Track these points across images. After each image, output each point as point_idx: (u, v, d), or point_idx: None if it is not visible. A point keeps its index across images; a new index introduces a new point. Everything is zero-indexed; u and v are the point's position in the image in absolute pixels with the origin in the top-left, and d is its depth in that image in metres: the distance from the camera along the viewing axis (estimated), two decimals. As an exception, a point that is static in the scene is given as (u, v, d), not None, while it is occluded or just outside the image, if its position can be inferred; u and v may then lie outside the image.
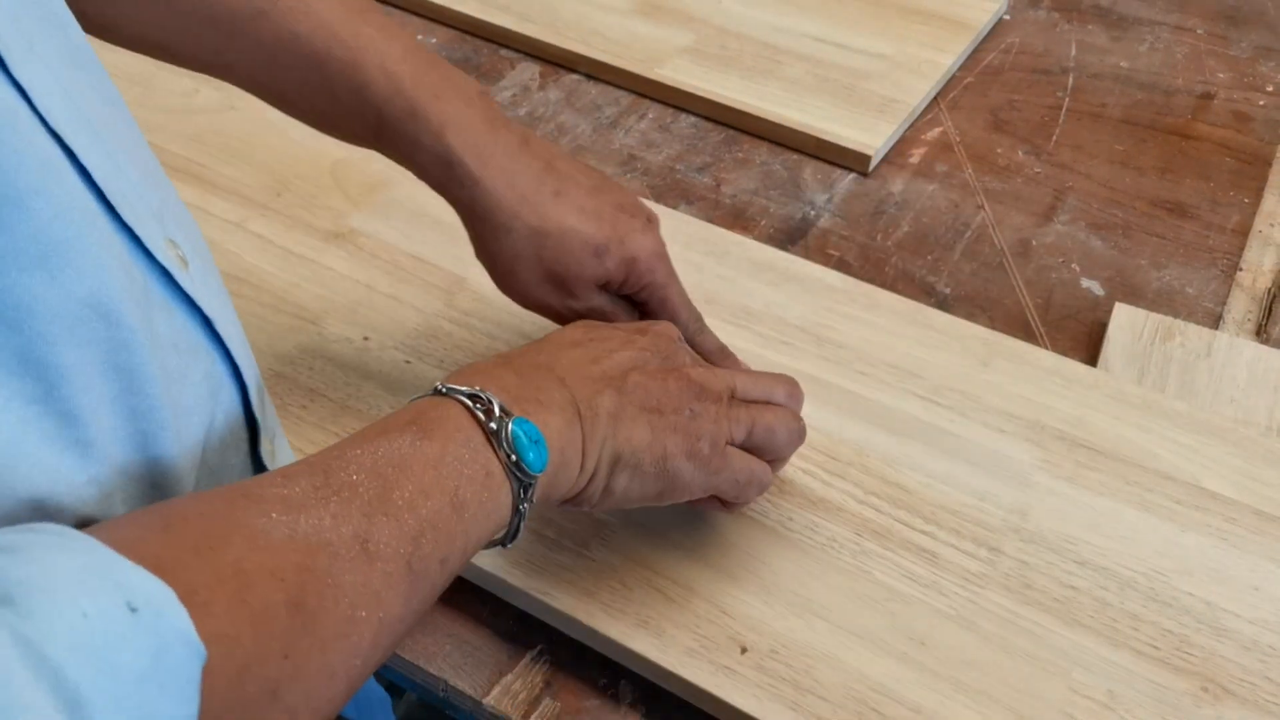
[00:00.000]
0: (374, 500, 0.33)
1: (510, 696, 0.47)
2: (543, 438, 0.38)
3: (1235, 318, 0.65)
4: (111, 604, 0.25)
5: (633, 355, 0.44)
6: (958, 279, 0.68)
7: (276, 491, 0.32)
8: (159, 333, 0.35)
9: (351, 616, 0.31)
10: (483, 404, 0.37)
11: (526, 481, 0.37)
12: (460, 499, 0.35)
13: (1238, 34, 0.90)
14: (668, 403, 0.43)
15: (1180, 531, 0.51)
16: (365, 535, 0.32)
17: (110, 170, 0.33)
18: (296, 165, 0.71)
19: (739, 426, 0.45)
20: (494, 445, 0.37)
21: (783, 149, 0.77)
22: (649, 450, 0.42)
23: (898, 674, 0.46)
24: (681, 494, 0.44)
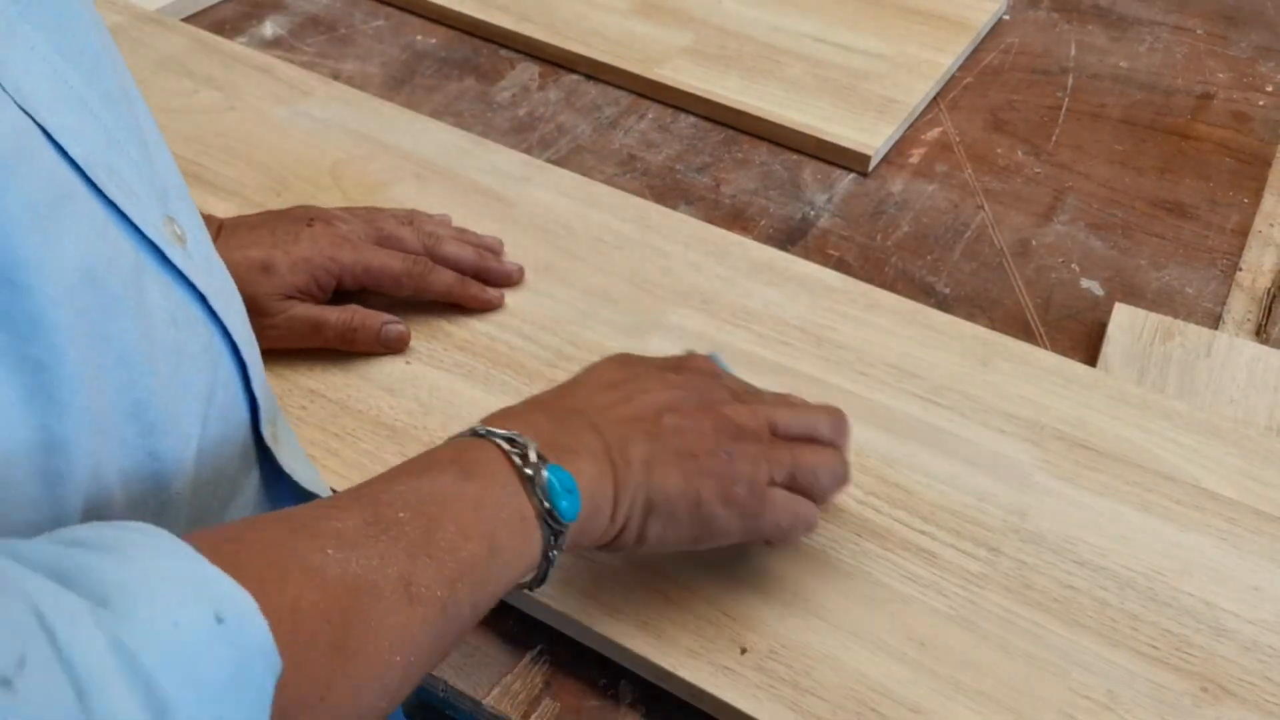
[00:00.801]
0: (418, 540, 0.34)
1: (510, 697, 0.47)
2: (576, 487, 0.39)
3: (1235, 318, 0.65)
4: (201, 614, 0.27)
5: (667, 396, 0.44)
6: (957, 279, 0.68)
7: (332, 525, 0.33)
8: (154, 306, 0.35)
9: (388, 659, 0.32)
10: (519, 449, 0.38)
11: (558, 529, 0.38)
12: (496, 543, 0.36)
13: (1237, 34, 0.90)
14: (702, 445, 0.43)
15: (1180, 531, 0.51)
16: (409, 578, 0.33)
17: (99, 146, 0.34)
18: (296, 165, 0.70)
19: (780, 469, 0.44)
20: (528, 491, 0.37)
21: (782, 149, 0.77)
22: (683, 497, 0.42)
23: (897, 674, 0.46)
24: (719, 539, 0.44)
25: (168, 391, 0.36)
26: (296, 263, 0.55)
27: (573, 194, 0.69)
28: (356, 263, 0.57)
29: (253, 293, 0.54)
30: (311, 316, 0.56)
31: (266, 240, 0.55)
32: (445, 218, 0.64)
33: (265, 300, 0.55)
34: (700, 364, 0.48)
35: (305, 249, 0.56)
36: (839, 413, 0.48)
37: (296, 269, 0.55)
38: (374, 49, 0.87)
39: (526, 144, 0.77)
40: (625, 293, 0.62)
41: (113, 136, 0.35)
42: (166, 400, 0.36)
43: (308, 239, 0.56)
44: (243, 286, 0.52)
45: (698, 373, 0.47)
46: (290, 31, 0.88)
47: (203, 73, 0.78)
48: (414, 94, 0.82)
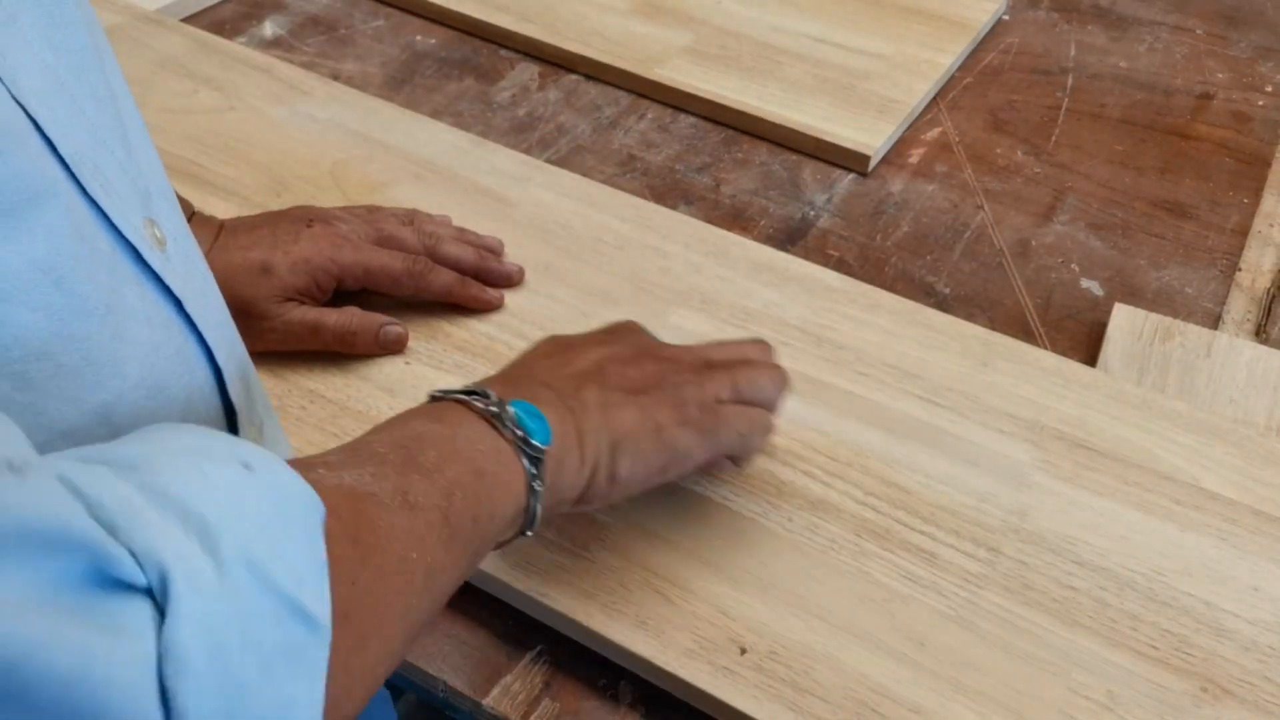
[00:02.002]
0: (404, 463, 0.35)
1: (510, 697, 0.47)
2: (542, 414, 0.40)
3: (1235, 318, 0.65)
4: (228, 464, 0.27)
5: (603, 351, 0.46)
6: (957, 279, 0.68)
7: (317, 458, 0.34)
8: (129, 307, 0.35)
9: (404, 555, 0.33)
10: (479, 396, 0.39)
11: (535, 455, 0.39)
12: (479, 467, 0.37)
13: (1237, 34, 0.90)
14: (647, 381, 0.45)
15: (1180, 532, 0.51)
16: (404, 489, 0.34)
17: (85, 144, 0.33)
18: (296, 165, 0.70)
19: (723, 386, 0.47)
20: (498, 428, 0.39)
21: (782, 149, 0.77)
22: (642, 426, 0.44)
23: (897, 674, 0.46)
24: (686, 462, 0.45)
25: (138, 394, 0.35)
26: (296, 264, 0.55)
27: (572, 194, 0.69)
28: (356, 263, 0.57)
29: (252, 295, 0.54)
30: (309, 320, 0.56)
31: (266, 241, 0.56)
32: (445, 218, 0.64)
33: (263, 303, 0.55)
34: (626, 325, 0.50)
35: (305, 250, 0.56)
36: (763, 341, 0.51)
37: (296, 270, 0.55)
38: (374, 49, 0.87)
39: (526, 144, 0.77)
40: (625, 293, 0.62)
41: (98, 135, 0.35)
42: (137, 404, 0.35)
43: (308, 239, 0.56)
44: (242, 289, 0.53)
45: (625, 330, 0.49)
46: (290, 31, 0.88)
47: (202, 73, 0.78)
48: (414, 94, 0.82)
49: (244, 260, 0.54)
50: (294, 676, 0.26)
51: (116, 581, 0.23)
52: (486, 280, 0.61)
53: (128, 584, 0.23)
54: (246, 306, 0.54)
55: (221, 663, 0.24)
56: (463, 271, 0.61)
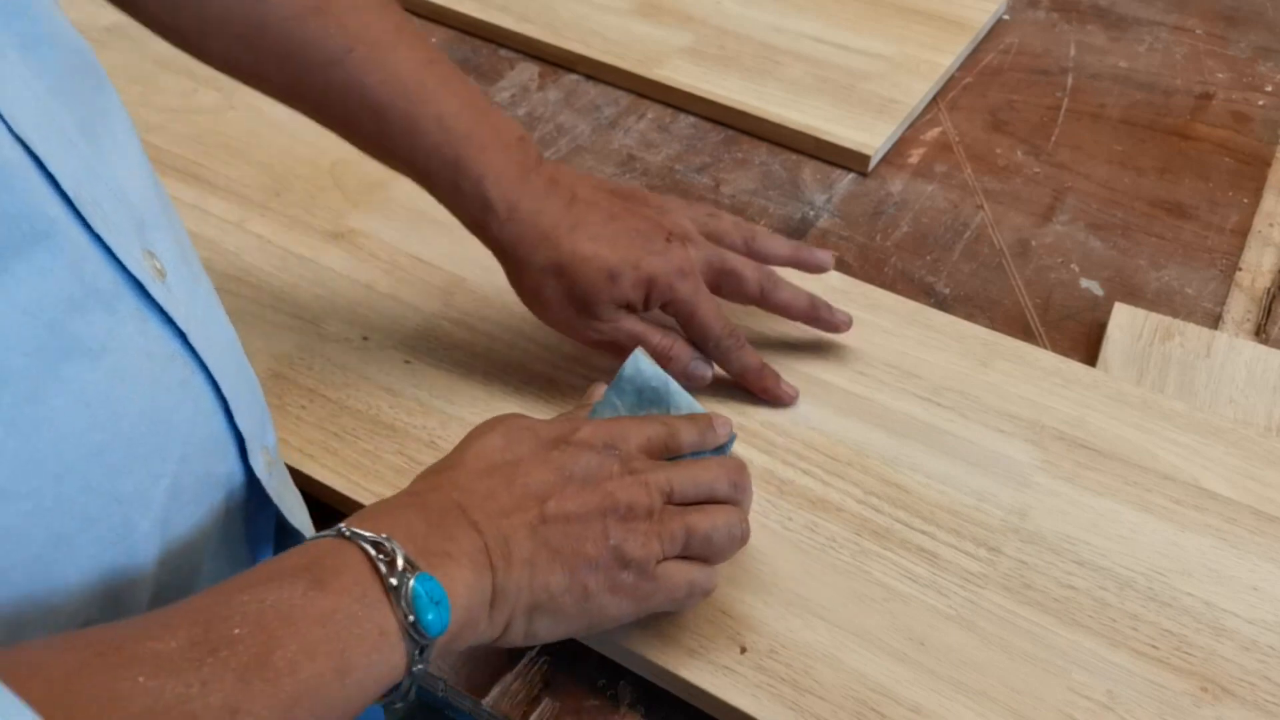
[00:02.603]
0: (251, 663, 0.31)
1: (509, 696, 0.47)
2: (445, 597, 0.36)
3: (1234, 318, 0.65)
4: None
5: (549, 478, 0.42)
6: (957, 279, 0.68)
7: (149, 647, 0.30)
8: (127, 342, 0.34)
9: None
10: (386, 554, 0.35)
11: (423, 643, 0.35)
12: (346, 662, 0.33)
13: (1237, 34, 0.90)
14: (587, 534, 0.41)
15: (1180, 531, 0.51)
16: (235, 706, 0.30)
17: (83, 177, 0.33)
18: (296, 165, 0.70)
19: (672, 542, 0.43)
20: (392, 603, 0.34)
21: (782, 149, 0.77)
22: (568, 593, 0.40)
23: (897, 674, 0.46)
24: (610, 624, 0.42)
25: (137, 431, 0.35)
26: (640, 281, 0.53)
27: (572, 194, 0.69)
28: (687, 303, 0.54)
29: (595, 296, 0.52)
30: (637, 333, 0.54)
31: (622, 242, 0.53)
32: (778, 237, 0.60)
33: (601, 306, 0.53)
34: (589, 433, 0.44)
35: (655, 268, 0.53)
36: (740, 467, 0.46)
37: (639, 286, 0.53)
38: (373, 49, 0.86)
39: (526, 144, 0.77)
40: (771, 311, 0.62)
41: (92, 168, 0.34)
42: (135, 440, 0.35)
43: (659, 258, 0.53)
44: (585, 285, 0.52)
45: (584, 446, 0.43)
46: (290, 31, 0.88)
47: (203, 72, 0.77)
48: (413, 94, 0.82)
49: (595, 255, 0.52)
50: None
51: None
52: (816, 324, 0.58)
53: None
54: (587, 303, 0.53)
55: None
56: (792, 317, 0.58)
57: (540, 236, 0.52)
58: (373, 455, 0.54)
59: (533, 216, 0.52)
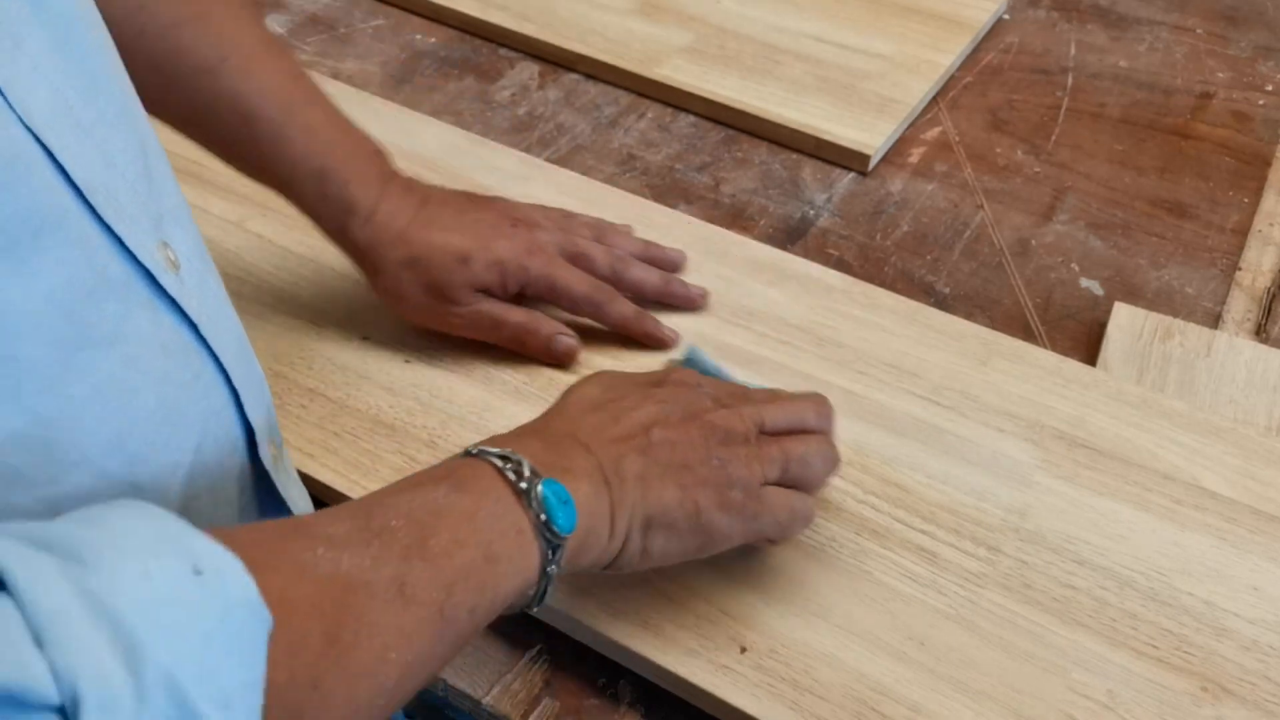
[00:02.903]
0: (412, 545, 0.34)
1: (510, 696, 0.47)
2: (571, 499, 0.39)
3: (1234, 317, 0.65)
4: (176, 565, 0.26)
5: (652, 410, 0.44)
6: (957, 279, 0.68)
7: (324, 529, 0.33)
8: (141, 333, 0.35)
9: (382, 656, 0.32)
10: (513, 465, 0.38)
11: (555, 542, 0.38)
12: (493, 552, 0.36)
13: (1237, 34, 0.90)
14: (694, 456, 0.43)
15: (1179, 531, 0.51)
16: (403, 579, 0.33)
17: (97, 168, 0.33)
18: (296, 165, 0.70)
19: (772, 465, 0.45)
20: (524, 505, 0.37)
21: (782, 149, 0.77)
22: (680, 508, 0.42)
23: (897, 673, 0.46)
24: (722, 544, 0.44)
25: (152, 421, 0.35)
26: (492, 263, 0.56)
27: (572, 193, 0.69)
28: (544, 276, 0.57)
29: (448, 280, 0.55)
30: (495, 314, 0.57)
31: (470, 230, 0.56)
32: (629, 228, 0.64)
33: (457, 290, 0.56)
34: (681, 375, 0.48)
35: (503, 250, 0.56)
36: (823, 400, 0.49)
37: (491, 268, 0.56)
38: (373, 48, 0.87)
39: (526, 143, 0.77)
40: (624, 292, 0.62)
41: (110, 158, 0.35)
42: (151, 430, 0.35)
43: (507, 240, 0.56)
44: (439, 271, 0.55)
45: (679, 384, 0.47)
46: (290, 31, 0.88)
47: (202, 72, 0.78)
48: (414, 93, 0.82)
49: (445, 244, 0.55)
50: None
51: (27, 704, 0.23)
52: (668, 305, 0.61)
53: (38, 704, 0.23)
54: (441, 289, 0.55)
55: None
56: (645, 296, 0.60)
57: (395, 235, 0.55)
58: (373, 455, 0.54)
59: (389, 218, 0.55)
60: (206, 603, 0.26)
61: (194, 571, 0.26)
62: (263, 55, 0.54)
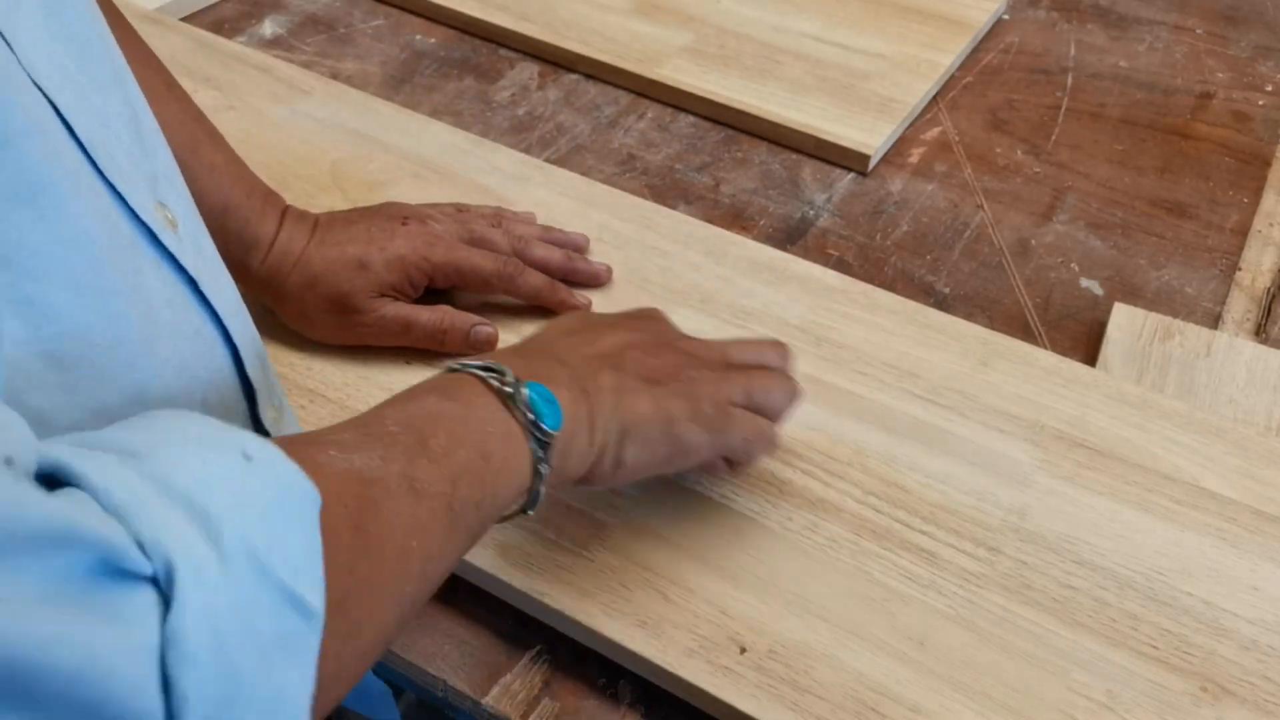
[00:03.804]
0: (414, 446, 0.35)
1: (509, 696, 0.47)
2: (555, 399, 0.40)
3: (1234, 317, 0.65)
4: (229, 454, 0.28)
5: (625, 335, 0.47)
6: (957, 279, 0.68)
7: (330, 437, 0.34)
8: (149, 287, 0.36)
9: (404, 545, 0.33)
10: (496, 373, 0.39)
11: (544, 439, 0.39)
12: (488, 450, 0.37)
13: (1237, 34, 0.90)
14: (665, 372, 0.45)
15: (1179, 531, 0.51)
16: (411, 475, 0.34)
17: (96, 128, 0.34)
18: (295, 165, 0.70)
19: (737, 389, 0.47)
20: (510, 408, 0.39)
21: (782, 149, 0.77)
22: (654, 418, 0.44)
23: (897, 674, 0.46)
24: (691, 456, 0.46)
25: (166, 374, 0.36)
26: (391, 261, 0.56)
27: (572, 193, 0.69)
28: (448, 263, 0.57)
29: (349, 289, 0.55)
30: (402, 316, 0.57)
31: (362, 238, 0.57)
32: (530, 216, 0.65)
33: (359, 298, 0.56)
34: (650, 312, 0.50)
35: (400, 247, 0.56)
36: (782, 343, 0.52)
37: (391, 267, 0.56)
38: (373, 48, 0.86)
39: (526, 143, 0.77)
40: (624, 292, 0.62)
41: (105, 120, 0.35)
42: (166, 383, 0.36)
43: (402, 237, 0.57)
44: (339, 283, 0.55)
45: (650, 318, 0.50)
46: (289, 31, 0.88)
47: (202, 72, 0.78)
48: (413, 93, 0.82)
49: (341, 255, 0.56)
50: (288, 665, 0.27)
51: (123, 572, 0.24)
52: (574, 281, 0.62)
53: (134, 574, 0.24)
54: (343, 300, 0.56)
55: (222, 652, 0.25)
56: (550, 273, 0.61)
57: (293, 262, 0.56)
58: (372, 455, 0.54)
59: (286, 245, 0.56)
60: (263, 484, 0.28)
61: (244, 457, 0.28)
62: (165, 97, 0.54)
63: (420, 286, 0.58)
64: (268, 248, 0.56)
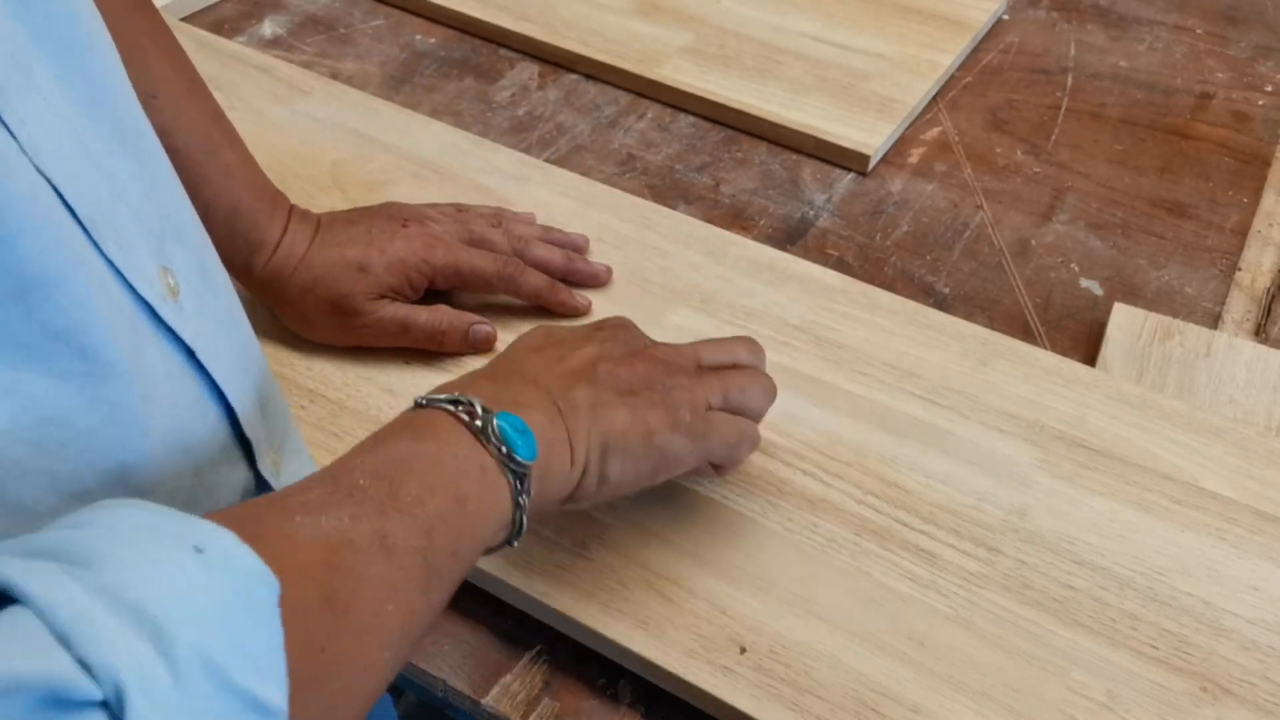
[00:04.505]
0: (384, 499, 0.34)
1: (509, 697, 0.47)
2: (528, 428, 0.39)
3: (1234, 317, 0.65)
4: (179, 549, 0.26)
5: (595, 349, 0.46)
6: (957, 279, 0.68)
7: (296, 499, 0.33)
8: (150, 361, 0.35)
9: (379, 610, 0.32)
10: (465, 406, 0.38)
11: (520, 471, 0.38)
12: (462, 493, 0.36)
13: (1237, 34, 0.90)
14: (640, 383, 0.45)
15: (1179, 531, 0.51)
16: (382, 531, 0.33)
17: (103, 199, 0.33)
18: (295, 165, 0.70)
19: (713, 392, 0.46)
20: (483, 442, 0.38)
21: (782, 149, 0.77)
22: (634, 430, 0.43)
23: (897, 674, 0.46)
24: (675, 466, 0.45)
25: (158, 450, 0.35)
26: (392, 264, 0.56)
27: (572, 193, 0.69)
28: (449, 264, 0.57)
29: (349, 291, 0.56)
30: (401, 317, 0.57)
31: (363, 239, 0.57)
32: (530, 216, 0.65)
33: (359, 300, 0.56)
34: (617, 321, 0.49)
35: (400, 249, 0.57)
36: (753, 340, 0.51)
37: (391, 269, 0.56)
38: (373, 48, 0.87)
39: (526, 143, 0.77)
40: (624, 292, 0.62)
41: (115, 183, 0.35)
42: (155, 459, 0.35)
43: (402, 239, 0.57)
44: (339, 285, 0.56)
45: (618, 327, 0.49)
46: (289, 31, 0.88)
47: (202, 72, 0.77)
48: (413, 93, 0.82)
49: (341, 258, 0.56)
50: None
51: (70, 702, 0.23)
52: (574, 282, 0.62)
53: (83, 701, 0.23)
54: (343, 302, 0.56)
55: None
56: (551, 274, 0.61)
57: (296, 264, 0.56)
58: (372, 455, 0.54)
59: (289, 248, 0.56)
60: (216, 579, 0.26)
61: (195, 550, 0.26)
62: (187, 95, 0.55)
63: (420, 288, 0.58)
64: (272, 250, 0.56)
